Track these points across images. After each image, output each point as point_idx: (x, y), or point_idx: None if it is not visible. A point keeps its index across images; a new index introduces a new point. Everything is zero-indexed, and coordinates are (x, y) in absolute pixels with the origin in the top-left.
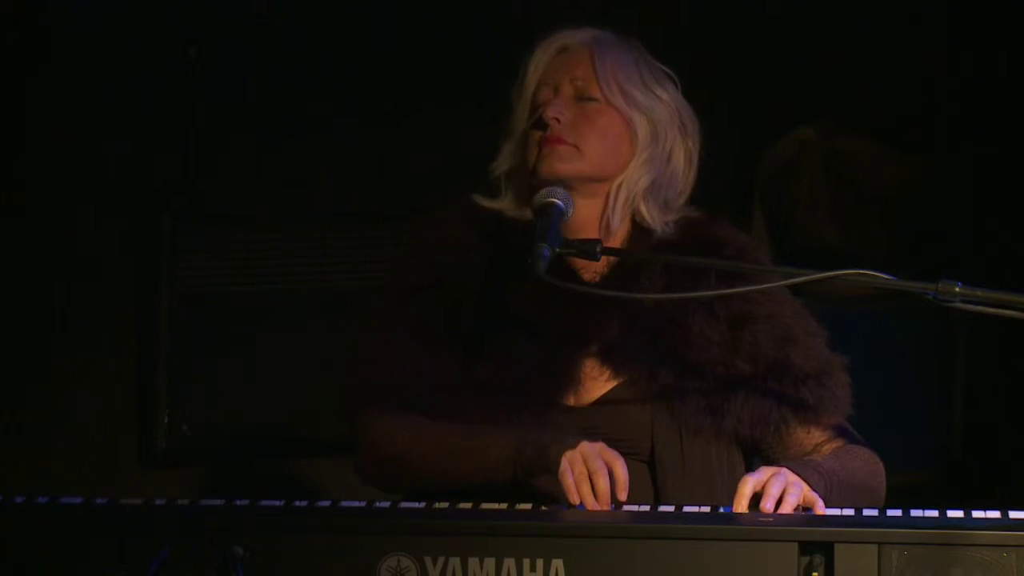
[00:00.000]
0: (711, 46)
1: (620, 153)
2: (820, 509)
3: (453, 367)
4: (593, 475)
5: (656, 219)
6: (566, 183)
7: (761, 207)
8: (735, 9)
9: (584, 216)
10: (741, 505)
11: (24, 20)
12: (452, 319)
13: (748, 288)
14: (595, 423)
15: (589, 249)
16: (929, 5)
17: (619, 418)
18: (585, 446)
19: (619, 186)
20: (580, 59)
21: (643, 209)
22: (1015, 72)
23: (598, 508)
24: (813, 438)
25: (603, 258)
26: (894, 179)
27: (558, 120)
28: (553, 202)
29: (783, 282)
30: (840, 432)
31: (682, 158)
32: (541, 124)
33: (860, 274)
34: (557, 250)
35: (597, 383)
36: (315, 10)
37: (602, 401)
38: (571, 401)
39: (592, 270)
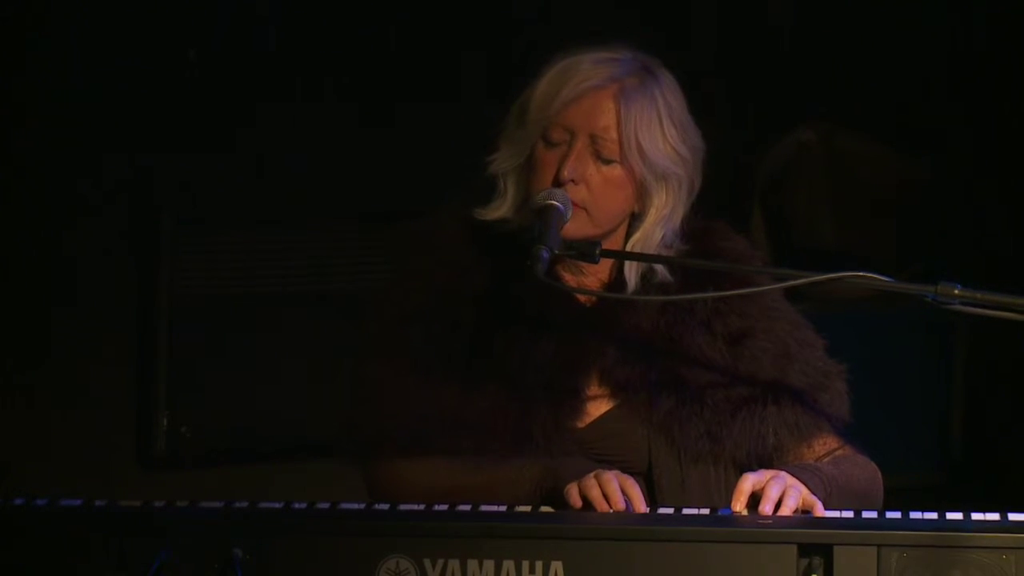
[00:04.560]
0: (711, 46)
1: (626, 210)
2: (819, 512)
3: (453, 399)
4: (603, 485)
5: (658, 266)
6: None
7: (761, 208)
8: (736, 9)
9: (602, 263)
10: (740, 501)
11: (24, 21)
12: (449, 346)
13: (747, 290)
14: (593, 443)
15: (588, 251)
16: (929, 5)
17: (615, 439)
18: (599, 472)
19: (633, 247)
20: (603, 109)
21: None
22: (1015, 72)
23: (618, 504)
24: (813, 452)
25: (598, 281)
26: (894, 179)
27: (574, 182)
28: (552, 204)
29: (782, 284)
30: (838, 441)
31: (687, 200)
32: (557, 180)
33: (859, 276)
34: (556, 252)
35: (595, 404)
36: (315, 10)
37: (599, 422)
38: (569, 423)
39: (589, 290)
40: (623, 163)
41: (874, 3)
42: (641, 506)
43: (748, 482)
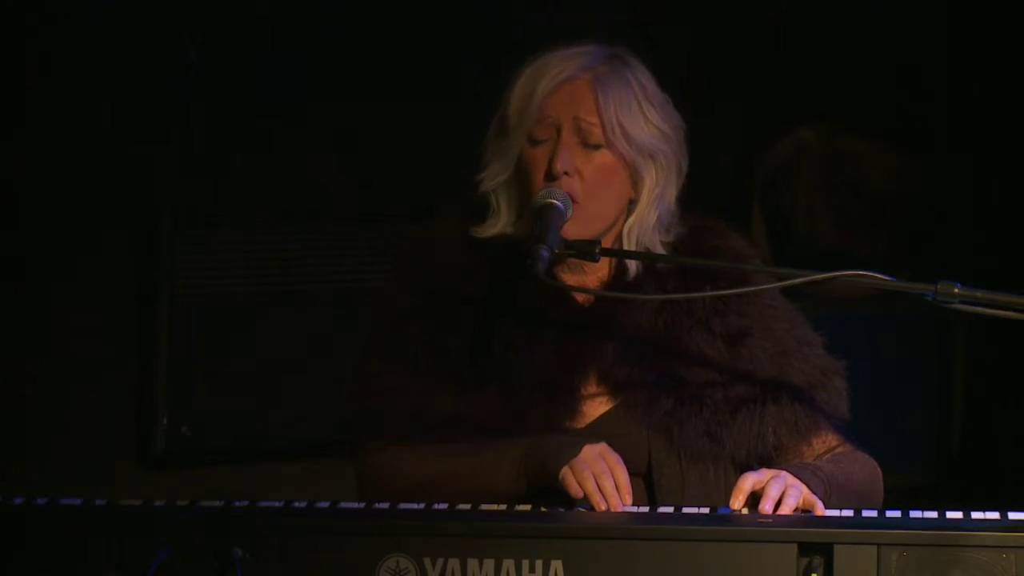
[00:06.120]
0: (711, 47)
1: (623, 199)
2: (820, 511)
3: (450, 399)
4: (598, 478)
5: (658, 248)
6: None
7: (760, 208)
8: (735, 10)
9: (594, 264)
10: (739, 500)
11: (23, 21)
12: (448, 347)
13: (745, 289)
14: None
15: (588, 250)
16: (929, 5)
17: (614, 439)
18: (587, 451)
19: (630, 230)
20: (582, 96)
21: (649, 243)
22: (1015, 72)
23: (615, 506)
24: (813, 451)
25: (598, 279)
26: (893, 180)
27: (567, 174)
28: (552, 203)
29: (782, 283)
30: (838, 439)
31: (677, 180)
32: (550, 175)
33: (859, 275)
34: (556, 251)
35: (593, 404)
36: (315, 9)
37: (599, 422)
38: (567, 423)
39: (587, 289)
40: (609, 148)
41: (874, 3)
42: (626, 494)
43: (748, 481)
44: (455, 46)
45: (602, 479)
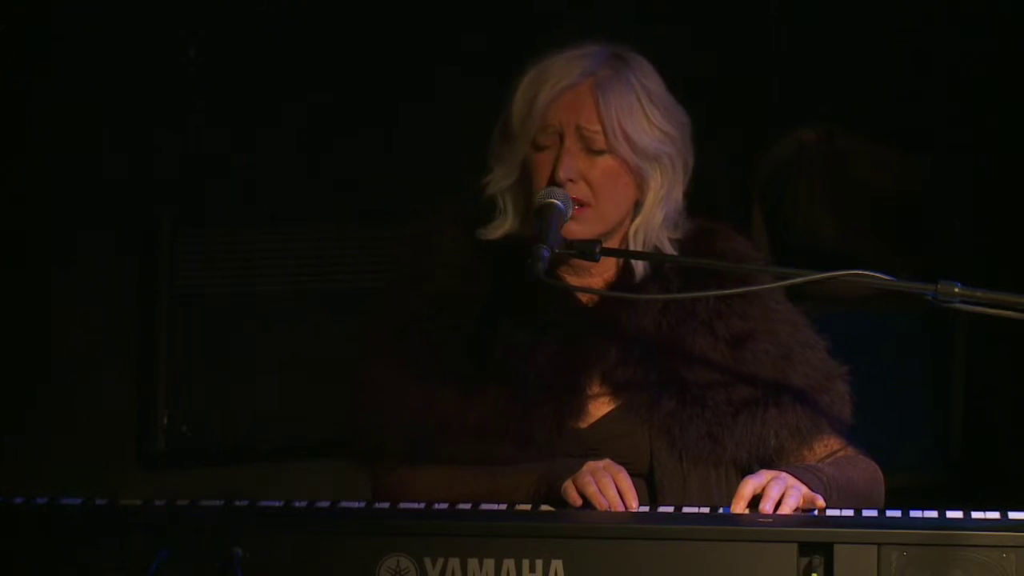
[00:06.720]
0: (712, 47)
1: (629, 200)
2: (821, 505)
3: (455, 401)
4: (600, 483)
5: (667, 246)
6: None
7: (761, 208)
8: (736, 9)
9: (604, 262)
10: (740, 506)
11: (24, 20)
12: (450, 348)
13: (749, 288)
14: (594, 444)
15: (589, 250)
16: (930, 7)
17: (617, 440)
18: (590, 465)
19: (636, 231)
20: (583, 102)
21: (657, 242)
22: (1015, 73)
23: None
24: (814, 454)
25: (603, 280)
26: (893, 180)
27: (571, 180)
28: (552, 203)
29: (782, 283)
30: (840, 443)
31: (684, 178)
32: (553, 182)
33: (859, 274)
34: (556, 251)
35: (596, 404)
36: (315, 9)
37: (601, 423)
38: (571, 423)
39: (589, 289)
40: (612, 153)
41: (874, 3)
42: (631, 500)
43: (749, 487)
44: (455, 48)
45: (603, 484)
